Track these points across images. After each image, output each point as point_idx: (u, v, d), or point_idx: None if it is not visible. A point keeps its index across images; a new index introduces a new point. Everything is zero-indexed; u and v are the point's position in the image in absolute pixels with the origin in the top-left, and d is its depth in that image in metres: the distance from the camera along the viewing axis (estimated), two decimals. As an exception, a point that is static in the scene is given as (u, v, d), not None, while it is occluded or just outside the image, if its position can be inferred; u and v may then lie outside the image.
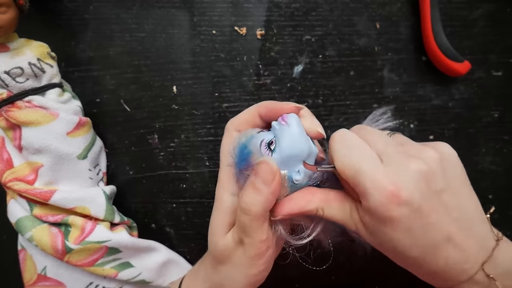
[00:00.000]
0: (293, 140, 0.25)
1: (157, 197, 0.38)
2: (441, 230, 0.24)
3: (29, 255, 0.31)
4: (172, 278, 0.36)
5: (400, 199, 0.23)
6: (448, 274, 0.25)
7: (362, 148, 0.25)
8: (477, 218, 0.26)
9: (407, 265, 0.26)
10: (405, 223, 0.23)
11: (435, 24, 0.34)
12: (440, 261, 0.24)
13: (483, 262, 0.24)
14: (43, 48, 0.31)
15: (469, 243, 0.24)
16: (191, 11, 0.35)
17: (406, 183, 0.23)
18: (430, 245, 0.24)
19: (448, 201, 0.24)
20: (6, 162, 0.31)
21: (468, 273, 0.24)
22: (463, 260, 0.24)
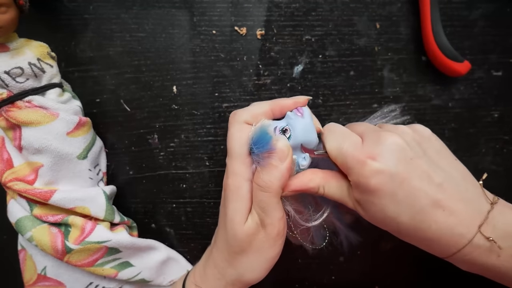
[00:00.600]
0: (306, 130, 0.29)
1: (157, 197, 0.38)
2: (425, 194, 0.25)
3: (29, 255, 0.31)
4: (172, 276, 0.36)
5: (375, 167, 0.25)
6: (445, 239, 0.26)
7: (345, 133, 0.28)
8: (465, 183, 0.27)
9: (403, 234, 0.28)
10: (387, 190, 0.26)
11: (435, 24, 0.34)
12: (432, 225, 0.26)
13: (479, 225, 0.25)
14: (43, 48, 0.31)
15: (459, 207, 0.25)
16: (191, 11, 0.35)
17: (380, 153, 0.26)
18: (417, 210, 0.26)
19: (427, 167, 0.26)
20: (6, 162, 0.31)
21: (466, 237, 0.25)
22: (456, 223, 0.25)
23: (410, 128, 0.28)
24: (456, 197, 0.26)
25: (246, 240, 0.29)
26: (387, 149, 0.26)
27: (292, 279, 0.40)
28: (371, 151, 0.26)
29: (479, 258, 0.26)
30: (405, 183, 0.25)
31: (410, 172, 0.26)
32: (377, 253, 0.39)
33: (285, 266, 0.40)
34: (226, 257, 0.30)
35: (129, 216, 0.37)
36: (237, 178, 0.29)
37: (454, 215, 0.25)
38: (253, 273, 0.30)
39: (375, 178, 0.26)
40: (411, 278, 0.40)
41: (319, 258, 0.39)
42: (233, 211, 0.29)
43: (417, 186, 0.25)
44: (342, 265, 0.39)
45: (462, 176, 0.27)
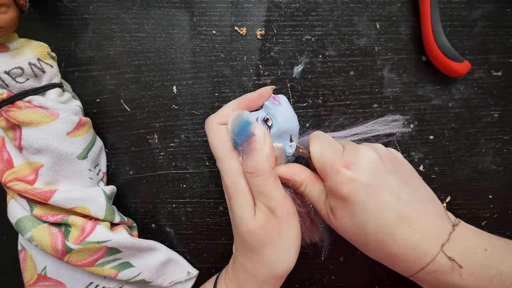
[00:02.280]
0: (287, 116, 0.30)
1: (157, 197, 0.38)
2: (394, 209, 0.27)
3: (29, 255, 0.31)
4: (172, 277, 0.36)
5: (349, 176, 0.27)
6: (409, 256, 0.27)
7: (330, 141, 0.30)
8: (431, 205, 0.29)
9: (369, 247, 0.29)
10: (358, 198, 0.27)
11: (435, 24, 0.34)
12: (397, 240, 0.27)
13: (442, 244, 0.27)
14: (43, 48, 0.31)
15: (424, 225, 0.27)
16: (191, 11, 0.35)
17: (356, 163, 0.28)
18: (384, 222, 0.27)
19: (396, 183, 0.28)
20: (6, 162, 0.31)
21: (429, 255, 0.27)
22: (420, 241, 0.27)
23: (387, 149, 0.30)
24: (422, 215, 0.27)
25: (261, 233, 0.29)
26: (364, 160, 0.28)
27: (292, 279, 0.40)
28: (348, 160, 0.28)
29: (442, 277, 0.27)
30: (376, 194, 0.27)
31: (381, 185, 0.27)
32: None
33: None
34: (251, 256, 0.30)
35: (129, 216, 0.37)
36: (230, 175, 0.29)
37: (419, 232, 0.27)
38: (283, 263, 0.30)
39: (348, 186, 0.27)
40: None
41: (319, 258, 0.39)
42: (239, 208, 0.29)
43: (387, 200, 0.27)
44: (342, 265, 0.39)
45: (429, 197, 0.29)
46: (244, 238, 0.29)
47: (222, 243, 0.39)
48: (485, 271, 0.27)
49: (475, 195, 0.38)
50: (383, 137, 0.35)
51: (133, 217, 0.37)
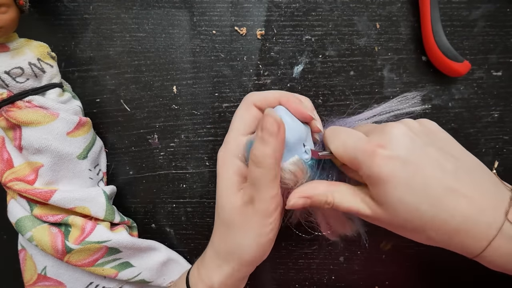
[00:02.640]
0: (290, 129, 0.28)
1: (157, 197, 0.38)
2: (440, 182, 0.24)
3: (29, 255, 0.31)
4: (172, 277, 0.36)
5: (386, 154, 0.25)
6: (472, 230, 0.24)
7: (348, 131, 0.28)
8: (480, 172, 0.26)
9: (428, 231, 0.25)
10: (401, 178, 0.25)
11: (435, 24, 0.34)
12: (456, 215, 0.24)
13: (505, 212, 0.24)
14: (43, 48, 0.31)
15: (478, 194, 0.24)
16: (191, 11, 0.35)
17: (389, 141, 0.25)
18: (436, 197, 0.24)
19: (437, 155, 0.25)
20: (6, 162, 0.31)
21: (493, 227, 0.24)
22: (479, 211, 0.24)
23: (416, 121, 0.28)
24: (473, 184, 0.25)
25: (233, 212, 0.28)
26: (395, 137, 0.26)
27: (292, 279, 0.40)
28: (379, 141, 0.26)
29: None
30: (418, 171, 0.25)
31: (421, 160, 0.25)
32: (377, 253, 0.39)
33: (285, 266, 0.40)
34: (218, 233, 0.30)
35: (129, 216, 0.37)
36: (227, 150, 0.29)
37: (475, 203, 0.24)
38: (243, 250, 0.28)
39: (387, 165, 0.25)
40: (411, 278, 0.40)
41: (319, 258, 0.39)
42: (221, 184, 0.29)
43: (431, 174, 0.25)
44: (342, 265, 0.39)
45: (475, 164, 0.26)
46: (218, 213, 0.29)
47: (222, 243, 0.39)
48: None
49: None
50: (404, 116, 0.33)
51: (133, 217, 0.37)
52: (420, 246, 0.39)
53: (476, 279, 0.40)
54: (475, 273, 0.39)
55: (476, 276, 0.39)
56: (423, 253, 0.39)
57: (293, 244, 0.39)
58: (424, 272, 0.40)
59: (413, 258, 0.39)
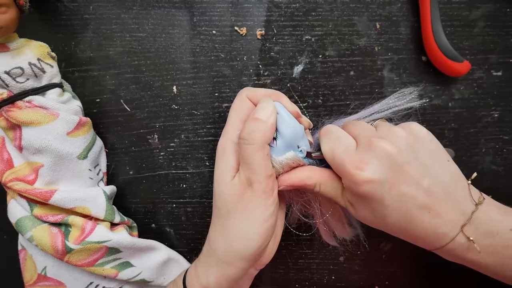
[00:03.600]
0: (288, 124, 0.29)
1: (157, 197, 0.38)
2: (413, 199, 0.27)
3: (29, 255, 0.31)
4: (172, 277, 0.36)
5: (364, 177, 0.26)
6: (429, 238, 0.28)
7: (339, 137, 0.29)
8: (453, 185, 0.28)
9: (392, 232, 0.29)
10: (377, 196, 0.27)
11: (435, 24, 0.34)
12: (418, 226, 0.27)
13: (462, 225, 0.27)
14: (43, 48, 0.31)
15: (445, 209, 0.27)
16: (191, 11, 0.35)
17: (370, 161, 0.27)
18: (404, 212, 0.27)
19: (415, 172, 0.27)
20: (6, 162, 0.31)
21: (449, 236, 0.27)
22: (440, 224, 0.27)
23: (405, 129, 0.29)
24: (442, 200, 0.27)
25: (232, 199, 0.28)
26: (377, 156, 0.27)
27: (292, 279, 0.40)
28: (362, 158, 0.27)
29: (461, 254, 0.28)
30: (393, 188, 0.27)
31: (398, 178, 0.27)
32: (377, 253, 0.39)
33: (285, 266, 0.40)
34: (216, 226, 0.29)
35: (129, 216, 0.37)
36: (224, 138, 0.29)
37: (439, 216, 0.27)
38: (243, 241, 0.28)
39: (364, 186, 0.27)
40: (411, 278, 0.40)
41: (319, 258, 0.39)
42: (219, 170, 0.29)
43: (405, 191, 0.27)
44: (342, 265, 0.39)
45: (452, 178, 0.28)
46: (216, 204, 0.29)
47: (222, 243, 0.39)
48: (506, 251, 0.27)
49: (475, 195, 0.38)
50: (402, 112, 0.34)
51: (133, 217, 0.37)
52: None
53: (476, 279, 0.40)
54: (475, 273, 0.39)
55: (476, 276, 0.39)
56: (423, 253, 0.39)
57: (293, 244, 0.39)
58: (424, 272, 0.40)
59: (413, 258, 0.39)
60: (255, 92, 0.31)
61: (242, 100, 0.30)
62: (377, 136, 0.28)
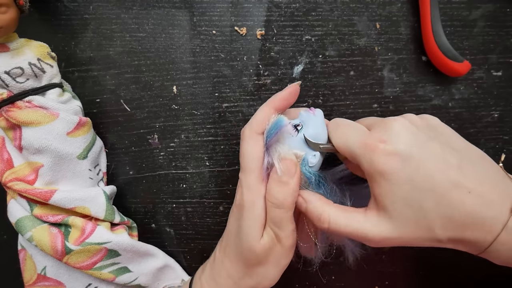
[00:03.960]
0: (317, 128, 0.29)
1: (157, 197, 0.38)
2: (445, 177, 0.24)
3: (29, 255, 0.31)
4: (166, 282, 0.36)
5: (387, 150, 0.24)
6: (478, 225, 0.24)
7: (351, 124, 0.29)
8: (486, 165, 0.25)
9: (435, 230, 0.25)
10: (403, 175, 0.24)
11: (435, 24, 0.34)
12: (460, 208, 0.23)
13: (511, 207, 0.23)
14: (43, 48, 0.31)
15: (484, 188, 0.24)
16: (191, 11, 0.35)
17: (390, 137, 0.25)
18: (440, 193, 0.24)
19: (440, 149, 0.25)
20: (6, 162, 0.31)
21: (500, 221, 0.23)
22: (485, 206, 0.23)
23: (417, 116, 0.28)
24: (478, 178, 0.24)
25: (263, 255, 0.29)
26: (397, 132, 0.25)
27: (292, 279, 0.40)
28: (380, 136, 0.25)
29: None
30: (421, 166, 0.24)
31: (424, 155, 0.24)
32: (377, 253, 0.39)
33: (285, 266, 0.40)
34: (242, 268, 0.30)
35: (129, 216, 0.37)
36: (252, 194, 0.29)
37: (480, 197, 0.23)
38: (269, 281, 0.30)
39: (388, 161, 0.24)
40: (411, 278, 0.40)
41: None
42: (249, 228, 0.29)
43: (435, 169, 0.24)
44: (342, 265, 0.39)
45: (481, 158, 0.26)
46: (243, 253, 0.29)
47: (222, 243, 0.39)
48: None
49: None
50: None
51: (133, 217, 0.37)
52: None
53: (476, 279, 0.40)
54: (476, 273, 0.39)
55: (476, 276, 0.39)
56: (423, 253, 0.39)
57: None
58: (424, 272, 0.40)
59: (413, 258, 0.39)
60: (258, 122, 0.29)
61: (255, 140, 0.29)
62: (391, 118, 0.27)
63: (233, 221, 0.31)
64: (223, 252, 0.32)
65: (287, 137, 0.29)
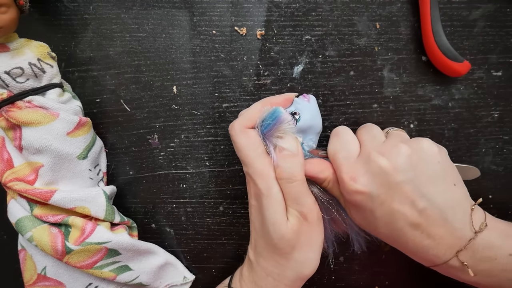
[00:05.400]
0: (313, 113, 0.31)
1: (157, 197, 0.38)
2: (404, 217, 0.27)
3: (29, 255, 0.31)
4: (168, 281, 0.36)
5: (355, 189, 0.28)
6: (422, 256, 0.28)
7: (347, 141, 0.30)
8: (452, 212, 0.27)
9: (386, 242, 0.30)
10: (368, 207, 0.28)
11: (435, 24, 0.34)
12: (409, 243, 0.28)
13: (458, 251, 0.27)
14: (43, 48, 0.31)
15: (439, 233, 0.27)
16: (191, 11, 0.35)
17: (364, 175, 0.28)
18: (394, 228, 0.28)
19: (412, 192, 0.27)
20: (6, 162, 0.31)
21: (441, 259, 0.27)
22: (432, 246, 0.27)
23: (412, 146, 0.28)
24: (438, 224, 0.27)
25: (294, 238, 0.29)
26: (372, 171, 0.27)
27: (292, 279, 0.40)
28: (358, 170, 0.28)
29: (456, 274, 0.28)
30: (385, 204, 0.27)
31: (391, 196, 0.27)
32: (377, 253, 0.39)
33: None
34: (279, 261, 0.30)
35: (129, 216, 0.37)
36: (265, 180, 0.29)
37: (432, 238, 0.27)
38: (311, 264, 0.30)
39: (355, 196, 0.28)
40: (411, 278, 0.40)
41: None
42: (273, 214, 0.29)
43: (397, 209, 0.27)
44: (342, 265, 0.39)
45: (453, 203, 0.27)
46: (275, 244, 0.29)
47: (222, 243, 0.39)
48: (503, 274, 0.27)
49: (475, 195, 0.38)
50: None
51: (133, 217, 0.37)
52: (420, 246, 0.39)
53: (476, 279, 0.40)
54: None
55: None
56: (423, 253, 0.39)
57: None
58: (424, 272, 0.40)
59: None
60: (248, 118, 0.30)
61: (246, 133, 0.29)
62: (378, 150, 0.28)
63: (255, 217, 0.31)
64: (255, 252, 0.32)
65: (286, 126, 0.30)
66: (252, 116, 0.30)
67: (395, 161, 0.27)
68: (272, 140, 0.29)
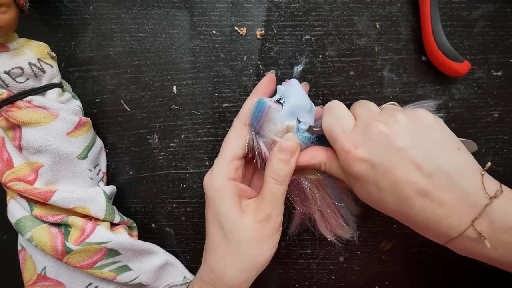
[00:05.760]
0: (298, 94, 0.31)
1: (157, 197, 0.38)
2: (411, 185, 0.25)
3: (29, 255, 0.31)
4: (168, 281, 0.36)
5: (357, 156, 0.27)
6: (433, 229, 0.26)
7: (339, 115, 0.29)
8: (461, 176, 0.25)
9: (395, 217, 0.28)
10: (371, 178, 0.27)
11: (435, 24, 0.34)
12: (419, 215, 0.26)
13: (474, 219, 0.25)
14: (43, 48, 0.31)
15: (450, 199, 0.25)
16: (191, 11, 0.35)
17: (364, 142, 0.27)
18: (402, 199, 0.26)
19: (417, 158, 0.25)
20: (6, 162, 0.31)
21: (456, 230, 0.25)
22: (444, 215, 0.25)
23: (408, 115, 0.27)
24: (447, 189, 0.25)
25: (248, 233, 0.29)
26: (372, 139, 0.26)
27: (292, 279, 0.40)
28: (357, 139, 0.27)
29: (474, 249, 0.26)
30: (389, 173, 0.26)
31: (395, 163, 0.26)
32: (377, 253, 0.39)
33: (285, 266, 0.40)
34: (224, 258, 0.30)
35: (129, 216, 0.37)
36: (220, 175, 0.30)
37: (444, 207, 0.25)
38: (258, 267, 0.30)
39: (357, 166, 0.27)
40: (411, 278, 0.40)
41: (319, 258, 0.39)
42: (226, 207, 0.30)
43: (402, 177, 0.25)
44: (342, 265, 0.39)
45: (460, 167, 0.26)
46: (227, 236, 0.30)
47: (222, 243, 0.39)
48: None
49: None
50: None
51: (133, 217, 0.37)
52: (420, 246, 0.39)
53: (476, 279, 0.40)
54: (476, 273, 0.39)
55: (476, 276, 0.39)
56: (423, 253, 0.39)
57: (293, 244, 0.39)
58: (424, 272, 0.40)
59: (413, 258, 0.39)
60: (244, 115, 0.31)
61: (236, 128, 0.31)
62: (376, 119, 0.27)
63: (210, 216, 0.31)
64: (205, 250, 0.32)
65: (274, 113, 0.30)
66: (247, 111, 0.31)
67: (394, 127, 0.26)
68: (266, 133, 0.30)
